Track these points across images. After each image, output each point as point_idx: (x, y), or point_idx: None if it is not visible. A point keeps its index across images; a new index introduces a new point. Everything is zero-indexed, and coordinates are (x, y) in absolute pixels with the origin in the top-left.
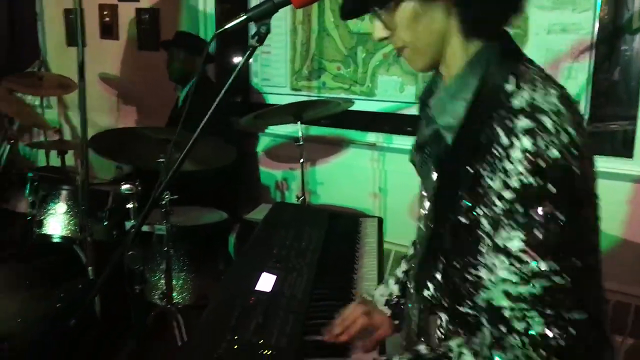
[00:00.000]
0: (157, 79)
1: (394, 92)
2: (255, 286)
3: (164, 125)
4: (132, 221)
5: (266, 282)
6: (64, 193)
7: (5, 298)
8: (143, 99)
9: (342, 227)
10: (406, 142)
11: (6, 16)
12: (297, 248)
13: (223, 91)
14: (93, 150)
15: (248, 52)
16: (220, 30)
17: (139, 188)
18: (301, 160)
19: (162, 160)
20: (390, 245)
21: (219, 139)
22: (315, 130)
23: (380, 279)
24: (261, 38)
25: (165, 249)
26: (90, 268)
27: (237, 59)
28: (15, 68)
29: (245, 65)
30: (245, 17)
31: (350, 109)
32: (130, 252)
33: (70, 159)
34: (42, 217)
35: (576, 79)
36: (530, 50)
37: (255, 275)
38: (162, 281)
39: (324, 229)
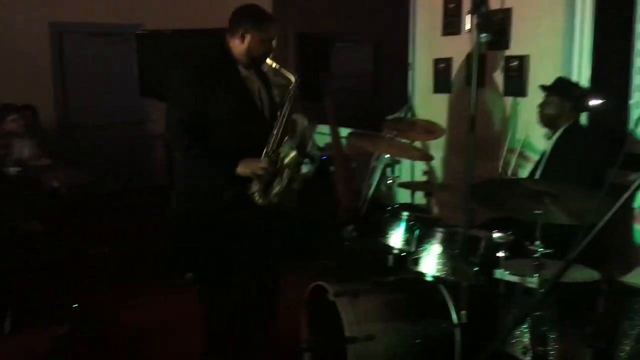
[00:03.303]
0: (523, 126)
1: None
2: None
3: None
4: (502, 270)
5: None
6: (438, 235)
7: (377, 326)
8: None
9: None
10: None
11: (372, 65)
12: None
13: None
14: (472, 198)
15: None
16: None
17: (511, 238)
18: None
19: (538, 212)
20: None
21: (594, 192)
22: None
23: None
24: None
25: (535, 302)
26: (463, 312)
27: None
28: (379, 112)
29: None
30: None
31: None
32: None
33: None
34: (418, 256)
35: None
36: None
37: None
38: (526, 334)
39: None
